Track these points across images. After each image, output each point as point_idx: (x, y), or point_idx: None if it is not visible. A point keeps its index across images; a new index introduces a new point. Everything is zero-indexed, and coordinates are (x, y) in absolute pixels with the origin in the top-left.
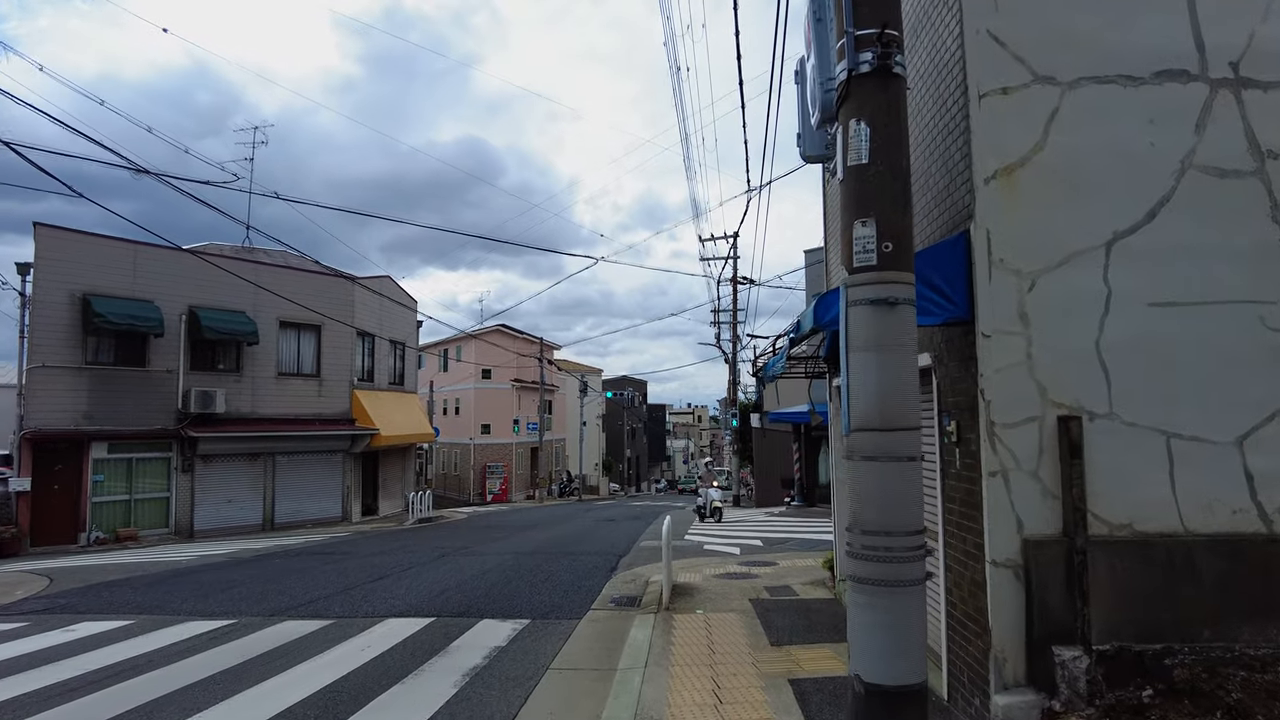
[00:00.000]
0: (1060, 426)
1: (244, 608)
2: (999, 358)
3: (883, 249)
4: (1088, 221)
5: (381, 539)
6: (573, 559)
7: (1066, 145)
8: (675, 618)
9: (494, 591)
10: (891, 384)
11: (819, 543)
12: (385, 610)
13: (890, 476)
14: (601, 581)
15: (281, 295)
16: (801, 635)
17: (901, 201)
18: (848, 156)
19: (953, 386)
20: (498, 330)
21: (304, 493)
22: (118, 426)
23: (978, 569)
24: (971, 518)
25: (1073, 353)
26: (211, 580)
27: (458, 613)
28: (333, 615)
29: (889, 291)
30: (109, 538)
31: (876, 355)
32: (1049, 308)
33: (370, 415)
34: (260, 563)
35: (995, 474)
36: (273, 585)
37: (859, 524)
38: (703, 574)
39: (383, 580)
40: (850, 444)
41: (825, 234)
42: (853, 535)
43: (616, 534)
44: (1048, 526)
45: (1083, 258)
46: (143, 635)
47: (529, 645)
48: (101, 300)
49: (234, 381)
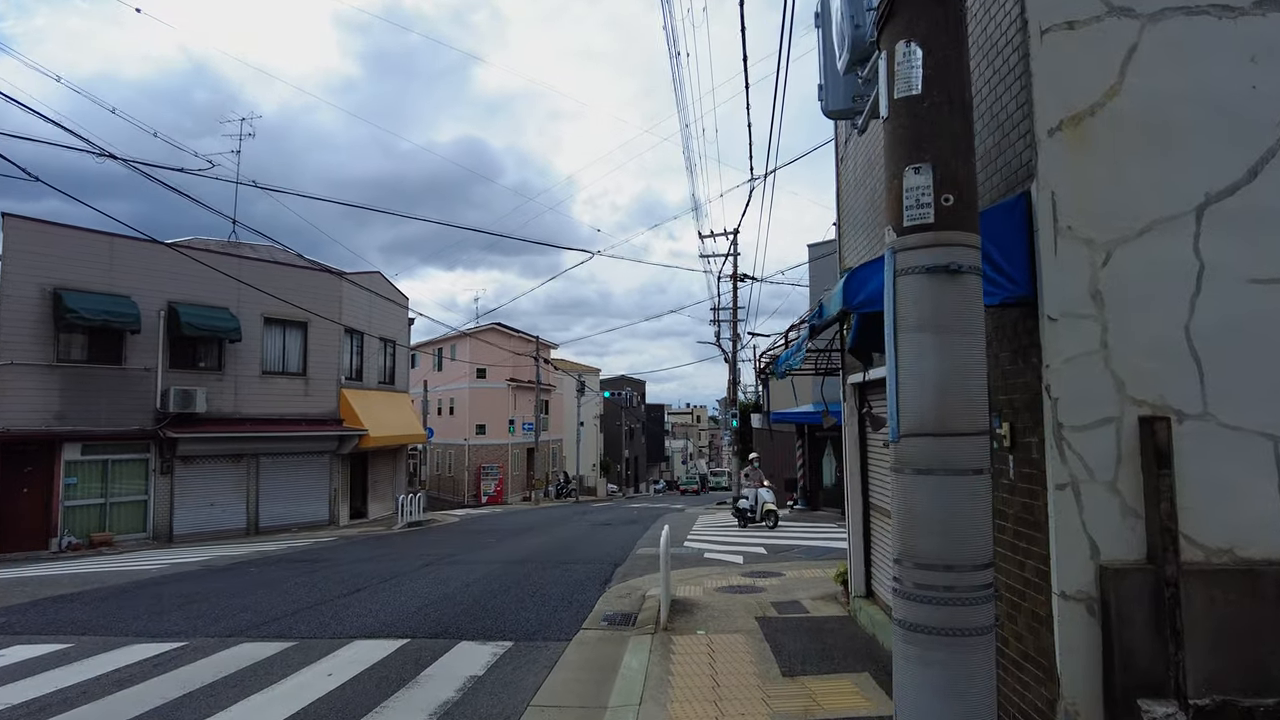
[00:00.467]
0: (1143, 429)
1: (200, 626)
2: (1068, 346)
3: (942, 202)
4: (1174, 181)
5: (366, 545)
6: (565, 569)
7: (1147, 89)
8: (674, 640)
9: (477, 607)
10: (954, 375)
11: (826, 550)
12: (355, 629)
13: (951, 495)
14: (594, 595)
15: (265, 291)
16: (816, 663)
17: (964, 142)
18: (894, 88)
19: (1005, 381)
20: (493, 329)
21: (289, 495)
22: (92, 427)
23: (1039, 601)
24: (1030, 538)
25: (1157, 340)
26: (173, 593)
27: (434, 632)
28: (296, 636)
29: (950, 256)
30: (82, 543)
31: (935, 338)
32: (1128, 285)
33: (359, 415)
34: (232, 572)
35: (1064, 486)
36: (238, 599)
37: (910, 555)
38: (704, 587)
39: (359, 594)
40: (899, 454)
41: (839, 220)
42: (901, 569)
43: (612, 540)
44: (1129, 551)
45: (1168, 225)
46: (79, 662)
47: (509, 675)
48: (74, 295)
49: (216, 380)
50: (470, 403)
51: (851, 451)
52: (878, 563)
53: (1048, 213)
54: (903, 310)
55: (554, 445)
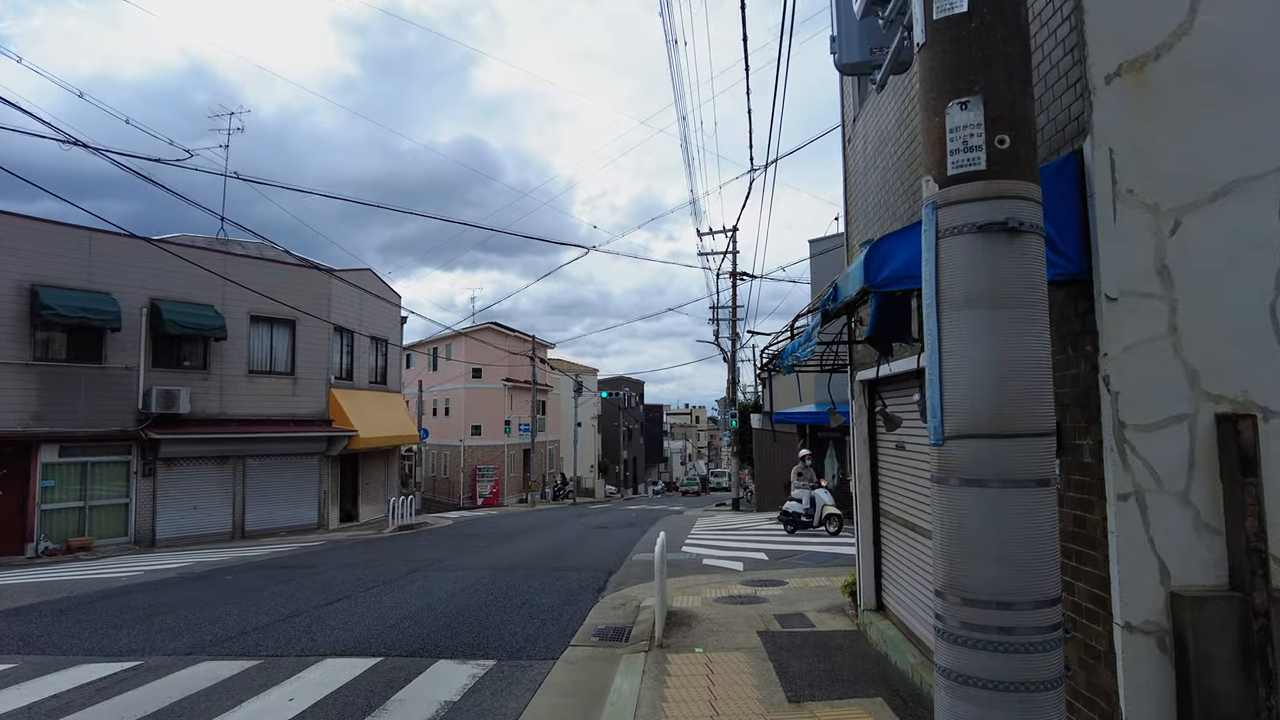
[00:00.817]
0: (1221, 429)
1: (159, 643)
2: (1130, 331)
3: (996, 144)
4: (1256, 136)
5: (353, 550)
6: (556, 576)
7: (1221, 28)
8: (670, 659)
9: (460, 620)
10: (1014, 361)
11: (830, 556)
12: (327, 646)
13: (1010, 512)
14: (586, 606)
15: (251, 288)
16: (825, 687)
17: (1021, 71)
18: (934, 6)
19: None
20: (488, 328)
21: (277, 498)
22: (70, 428)
23: (1096, 631)
24: (1081, 557)
25: (1237, 323)
26: (140, 605)
27: (411, 650)
28: (263, 653)
29: (1008, 211)
30: (59, 548)
31: (989, 314)
32: (1200, 258)
33: (349, 416)
34: (208, 580)
35: (1126, 497)
36: (207, 611)
37: (956, 588)
38: (702, 597)
39: (337, 604)
40: (943, 460)
41: (846, 206)
42: (945, 605)
43: (608, 545)
44: (1207, 575)
45: (1249, 187)
46: (16, 686)
47: (487, 700)
48: (51, 292)
49: (200, 380)
50: (466, 403)
51: (860, 453)
52: (889, 574)
53: (1105, 174)
54: (948, 280)
55: (551, 446)
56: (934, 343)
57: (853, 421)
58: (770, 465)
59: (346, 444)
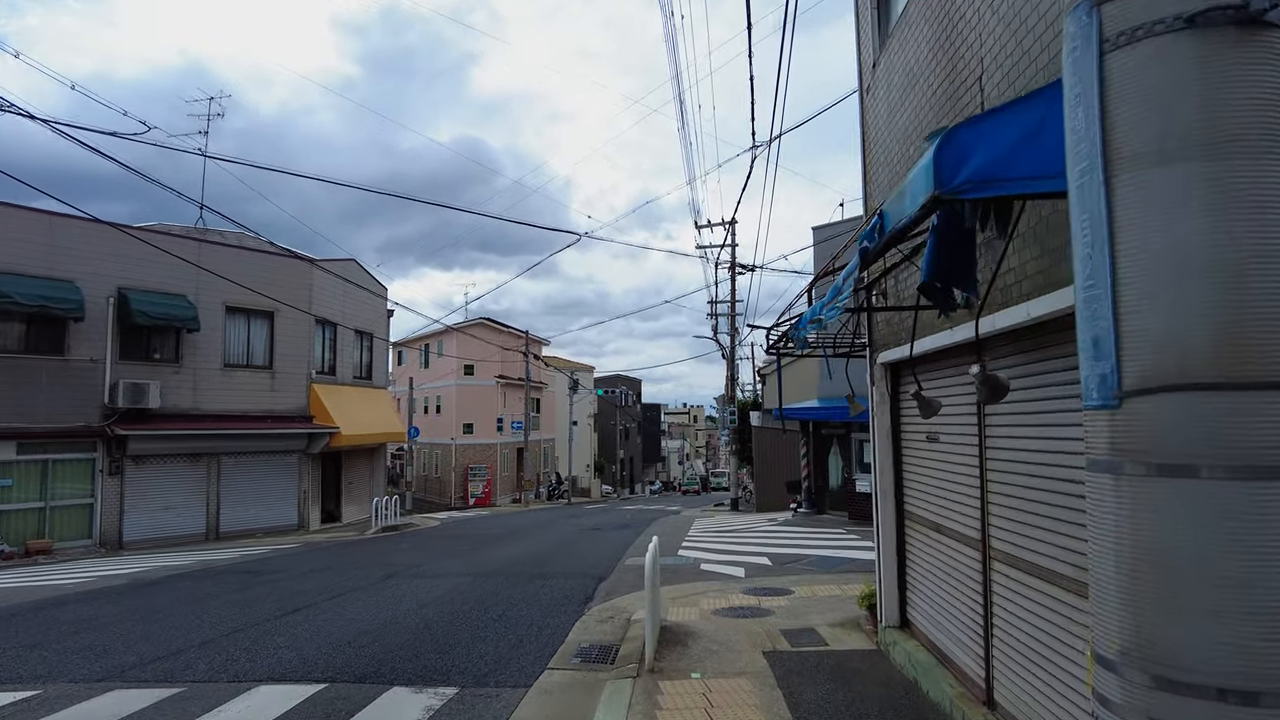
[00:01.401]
0: None
1: (71, 666)
2: None
3: None
4: None
5: (328, 553)
6: (541, 584)
7: None
8: (662, 687)
9: (424, 636)
10: (1258, 250)
11: (839, 561)
12: (267, 669)
13: (1257, 525)
14: (570, 619)
15: (227, 277)
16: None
17: None
18: None
19: None
20: (481, 323)
21: (254, 498)
22: (29, 423)
23: None
24: None
25: None
26: (70, 618)
27: (362, 674)
28: (188, 678)
29: None
30: (16, 551)
31: (1209, 170)
32: None
33: (330, 412)
34: (160, 587)
35: None
36: (142, 625)
37: (1145, 653)
38: (700, 608)
39: (292, 616)
40: (1114, 433)
41: (865, 164)
42: (1122, 683)
43: (599, 548)
44: None
45: None
46: None
47: None
48: (8, 279)
49: (172, 373)
50: (457, 401)
51: (882, 447)
52: (915, 585)
53: None
54: (1126, 122)
55: (546, 445)
56: (1099, 231)
57: (872, 411)
58: (770, 465)
59: (328, 442)
